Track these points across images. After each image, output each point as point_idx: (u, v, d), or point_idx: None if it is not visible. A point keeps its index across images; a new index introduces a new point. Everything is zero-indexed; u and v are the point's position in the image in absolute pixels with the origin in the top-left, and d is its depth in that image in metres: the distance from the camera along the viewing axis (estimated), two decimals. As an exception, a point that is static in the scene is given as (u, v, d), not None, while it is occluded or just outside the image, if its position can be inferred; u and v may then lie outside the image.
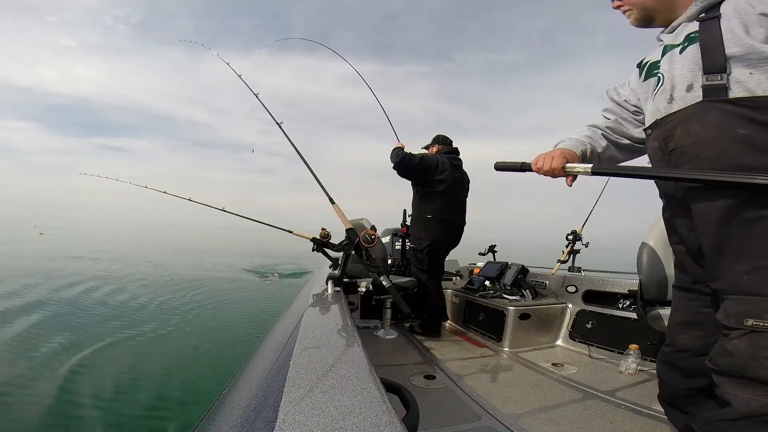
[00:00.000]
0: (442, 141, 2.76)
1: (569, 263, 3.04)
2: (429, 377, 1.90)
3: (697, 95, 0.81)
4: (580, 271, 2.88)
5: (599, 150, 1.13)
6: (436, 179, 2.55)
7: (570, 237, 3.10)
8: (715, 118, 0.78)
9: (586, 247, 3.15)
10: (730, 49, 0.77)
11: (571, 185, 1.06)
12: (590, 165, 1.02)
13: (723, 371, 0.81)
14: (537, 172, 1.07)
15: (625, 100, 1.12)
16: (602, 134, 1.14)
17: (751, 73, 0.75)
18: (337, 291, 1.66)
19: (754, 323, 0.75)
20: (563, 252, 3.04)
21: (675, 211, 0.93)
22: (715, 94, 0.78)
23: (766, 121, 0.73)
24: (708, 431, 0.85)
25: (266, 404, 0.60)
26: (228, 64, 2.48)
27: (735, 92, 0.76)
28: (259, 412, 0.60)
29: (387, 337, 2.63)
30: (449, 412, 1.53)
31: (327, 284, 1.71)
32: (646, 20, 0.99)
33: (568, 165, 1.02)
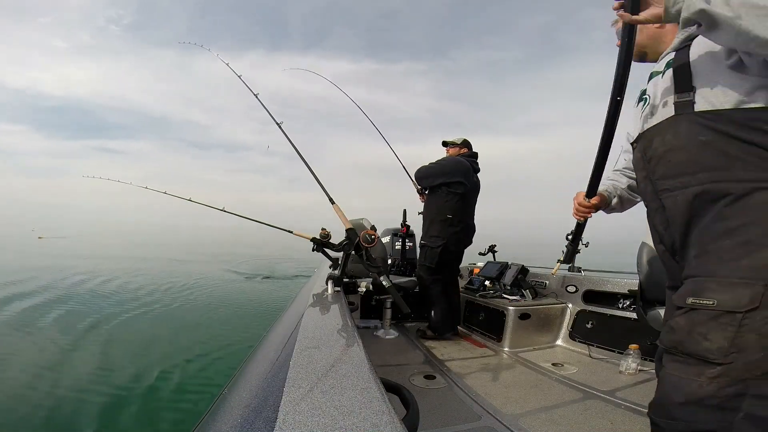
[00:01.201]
0: (468, 146, 2.80)
1: (569, 263, 3.04)
2: (429, 377, 1.90)
3: (670, 110, 0.96)
4: (580, 271, 2.88)
5: (623, 186, 1.29)
6: (458, 181, 2.59)
7: (570, 237, 3.09)
8: (685, 128, 0.92)
9: (586, 247, 3.14)
10: (696, 69, 0.92)
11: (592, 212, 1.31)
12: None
13: (667, 348, 0.90)
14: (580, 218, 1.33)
15: (631, 139, 1.23)
16: (621, 173, 1.32)
17: (712, 88, 0.89)
18: (337, 291, 1.66)
19: (693, 301, 0.84)
20: (563, 252, 3.03)
21: (653, 213, 1.04)
22: (684, 108, 0.92)
23: (723, 130, 0.86)
24: (657, 416, 0.89)
25: (266, 404, 0.60)
26: (227, 64, 2.48)
27: (700, 106, 0.90)
28: (259, 412, 0.60)
29: (387, 337, 2.63)
30: (449, 412, 1.53)
31: (327, 284, 1.72)
32: (639, 55, 1.14)
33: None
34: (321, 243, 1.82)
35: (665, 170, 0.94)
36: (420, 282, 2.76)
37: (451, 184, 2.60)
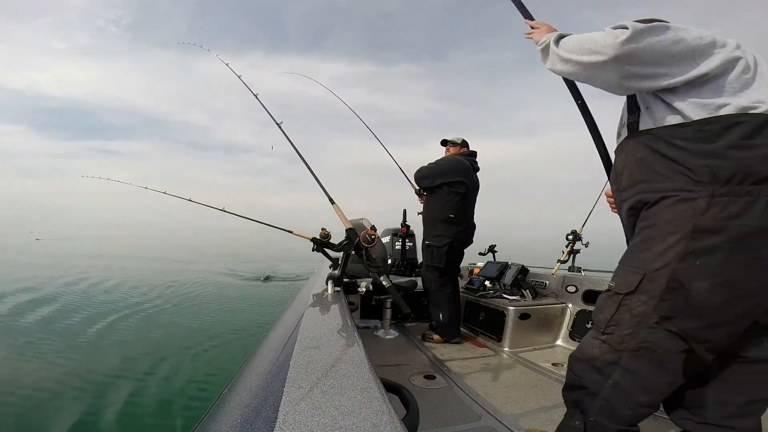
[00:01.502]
0: (467, 146, 2.78)
1: (569, 263, 3.04)
2: (429, 377, 1.90)
3: (626, 131, 1.08)
4: (580, 271, 2.88)
5: None
6: (459, 181, 2.56)
7: (570, 237, 3.10)
8: (632, 147, 1.04)
9: (586, 247, 3.15)
10: (639, 95, 1.02)
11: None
12: None
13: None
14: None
15: None
16: None
17: (647, 108, 1.00)
18: (337, 291, 1.66)
19: (609, 283, 1.03)
20: (563, 252, 3.04)
21: (621, 220, 1.18)
22: (632, 128, 1.05)
23: (653, 147, 0.98)
24: (567, 367, 1.10)
25: (266, 404, 0.60)
26: (227, 65, 2.49)
27: (642, 126, 1.02)
28: (259, 412, 0.60)
29: (387, 337, 2.63)
30: (449, 412, 1.53)
31: (327, 284, 1.72)
32: None
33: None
34: (321, 243, 1.82)
35: (623, 184, 1.08)
36: (426, 284, 2.69)
37: (453, 184, 2.57)
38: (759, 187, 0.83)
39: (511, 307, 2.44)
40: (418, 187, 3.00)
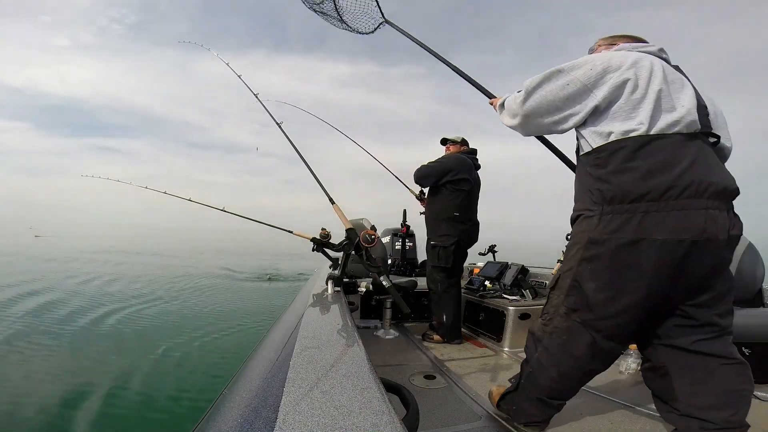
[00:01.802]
0: (467, 144, 2.76)
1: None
2: (429, 377, 1.90)
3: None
4: (580, 271, 2.87)
5: None
6: (462, 178, 2.54)
7: (570, 237, 3.09)
8: (576, 169, 1.21)
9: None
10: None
11: None
12: None
13: None
14: None
15: None
16: None
17: (580, 138, 1.14)
18: (337, 291, 1.66)
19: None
20: (563, 252, 3.03)
21: None
22: (576, 154, 1.20)
23: (579, 172, 1.16)
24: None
25: (266, 404, 0.60)
26: (228, 64, 2.49)
27: (580, 153, 1.17)
28: (259, 412, 0.60)
29: (387, 337, 2.63)
30: (449, 412, 1.53)
31: (327, 284, 1.72)
32: None
33: None
34: (321, 243, 1.82)
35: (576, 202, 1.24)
36: (432, 285, 2.63)
37: (457, 182, 2.54)
38: (636, 205, 0.99)
39: (511, 307, 2.44)
40: (418, 191, 2.98)
